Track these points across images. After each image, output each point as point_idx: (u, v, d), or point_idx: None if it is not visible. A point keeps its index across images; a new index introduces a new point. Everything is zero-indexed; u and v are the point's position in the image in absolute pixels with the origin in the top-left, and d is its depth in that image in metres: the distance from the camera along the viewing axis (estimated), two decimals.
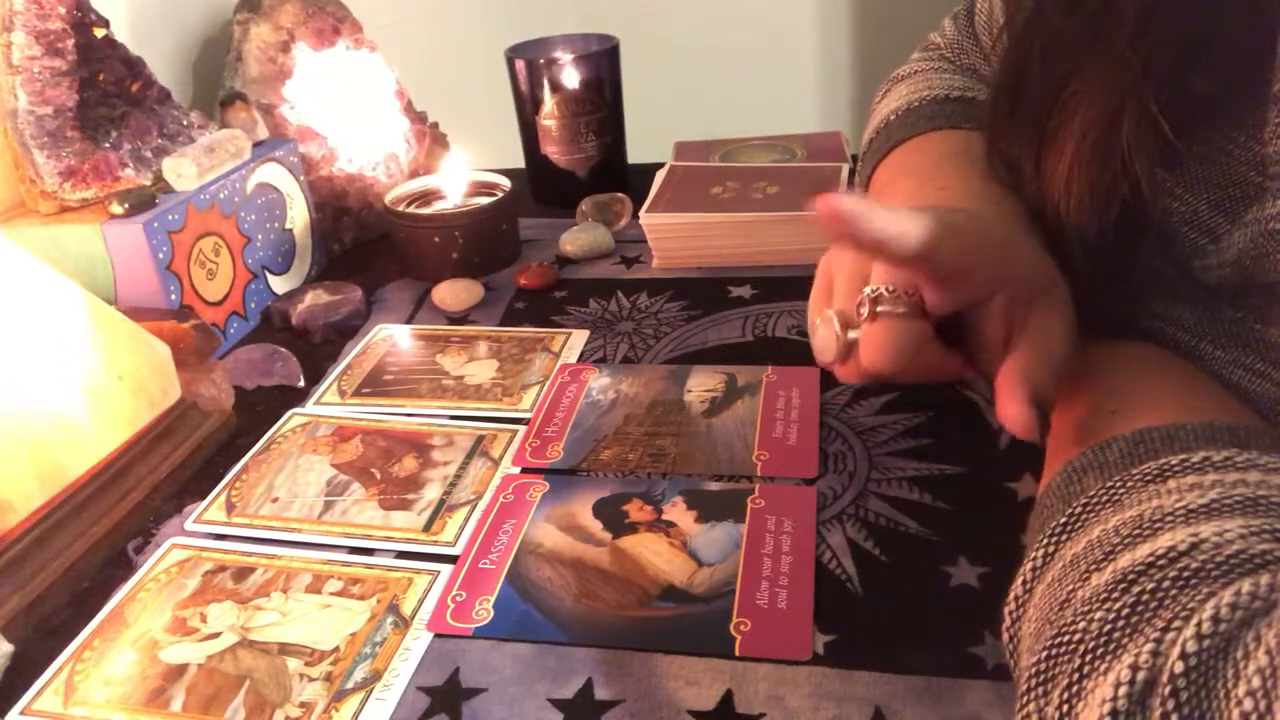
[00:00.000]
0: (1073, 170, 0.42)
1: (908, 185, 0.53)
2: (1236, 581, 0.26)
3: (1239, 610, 0.25)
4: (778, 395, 0.56)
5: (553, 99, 0.83)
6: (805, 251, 0.72)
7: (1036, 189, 0.45)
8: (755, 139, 0.89)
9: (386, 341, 0.67)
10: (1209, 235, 0.42)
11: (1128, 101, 0.40)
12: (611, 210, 0.81)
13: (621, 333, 0.66)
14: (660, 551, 0.45)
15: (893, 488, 0.48)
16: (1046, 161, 0.44)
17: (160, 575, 0.47)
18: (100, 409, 0.51)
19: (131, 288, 0.63)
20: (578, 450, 0.53)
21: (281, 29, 0.80)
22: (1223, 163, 0.41)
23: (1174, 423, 0.35)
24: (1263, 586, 0.25)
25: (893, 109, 0.60)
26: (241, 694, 0.40)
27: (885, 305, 0.37)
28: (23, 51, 0.62)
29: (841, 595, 0.42)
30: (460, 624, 0.42)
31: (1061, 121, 0.43)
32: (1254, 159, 0.40)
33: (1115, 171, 0.41)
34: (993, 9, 0.59)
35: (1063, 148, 0.43)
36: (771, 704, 0.37)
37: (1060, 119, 0.43)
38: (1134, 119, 0.40)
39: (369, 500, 0.51)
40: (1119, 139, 0.40)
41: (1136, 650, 0.26)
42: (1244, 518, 0.29)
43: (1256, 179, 0.40)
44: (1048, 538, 0.33)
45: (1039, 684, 0.29)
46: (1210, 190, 0.42)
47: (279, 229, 0.75)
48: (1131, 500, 0.32)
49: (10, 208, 0.66)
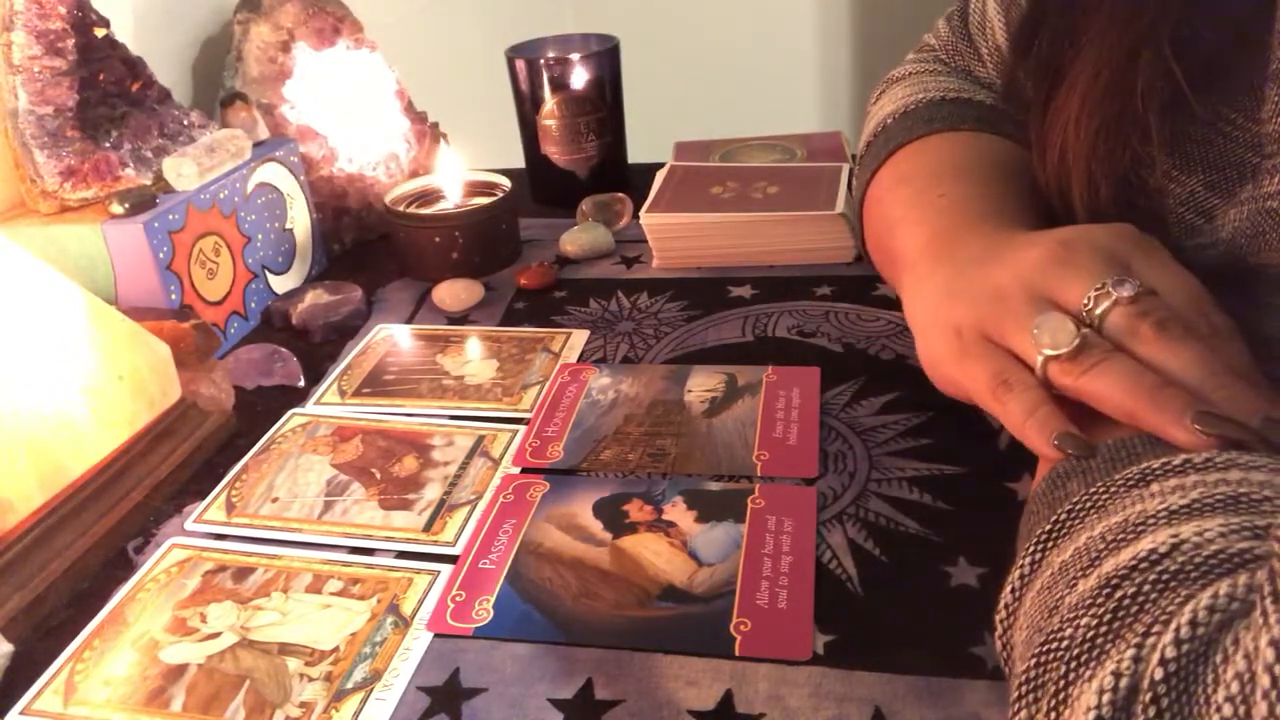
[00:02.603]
0: (1082, 108, 0.42)
1: (906, 192, 0.53)
2: (1215, 583, 0.26)
3: (1217, 613, 0.25)
4: (778, 395, 0.56)
5: (553, 99, 0.83)
6: (805, 252, 0.72)
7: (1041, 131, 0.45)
8: (755, 139, 0.89)
9: (386, 341, 0.67)
10: (1204, 215, 0.42)
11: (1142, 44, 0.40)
12: (611, 210, 0.81)
13: (621, 333, 0.66)
14: (660, 551, 0.45)
15: (893, 488, 0.48)
16: (1057, 99, 0.44)
17: (160, 575, 0.47)
18: (100, 409, 0.51)
19: (132, 287, 0.63)
20: (578, 450, 0.53)
21: (281, 29, 0.80)
22: (1219, 144, 0.41)
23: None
24: (1240, 587, 0.25)
25: (889, 112, 0.60)
26: (241, 694, 0.40)
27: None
28: (23, 51, 0.62)
29: (841, 595, 0.42)
30: (460, 624, 0.42)
31: (1074, 60, 0.43)
32: (1251, 139, 0.40)
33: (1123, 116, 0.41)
34: (985, 10, 0.59)
35: (1074, 86, 0.42)
36: (771, 704, 0.37)
37: (1073, 58, 0.43)
38: (1149, 63, 0.40)
39: (369, 500, 0.51)
40: (1133, 79, 0.40)
41: (1119, 656, 0.26)
42: (1224, 515, 0.29)
43: (1253, 160, 0.40)
44: (1034, 545, 0.33)
45: (1030, 691, 0.29)
46: (1206, 171, 0.42)
47: (279, 229, 0.75)
48: (1115, 505, 0.32)
49: (10, 208, 0.66)
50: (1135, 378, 0.36)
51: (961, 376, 0.42)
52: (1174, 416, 0.34)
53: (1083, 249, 0.39)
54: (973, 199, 0.49)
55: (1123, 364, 0.36)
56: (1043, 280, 0.40)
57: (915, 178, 0.53)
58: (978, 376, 0.41)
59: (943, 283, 0.44)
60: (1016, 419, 0.39)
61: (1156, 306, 0.37)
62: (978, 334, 0.41)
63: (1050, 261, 0.40)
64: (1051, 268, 0.40)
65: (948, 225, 0.48)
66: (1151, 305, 0.37)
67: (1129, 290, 0.37)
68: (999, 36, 0.58)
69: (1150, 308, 0.37)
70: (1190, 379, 0.35)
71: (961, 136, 0.55)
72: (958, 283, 0.43)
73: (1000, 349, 0.41)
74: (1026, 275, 0.40)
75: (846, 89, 1.75)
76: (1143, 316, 0.37)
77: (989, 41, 0.59)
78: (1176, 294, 0.38)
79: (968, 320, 0.42)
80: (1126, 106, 0.41)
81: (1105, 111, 0.41)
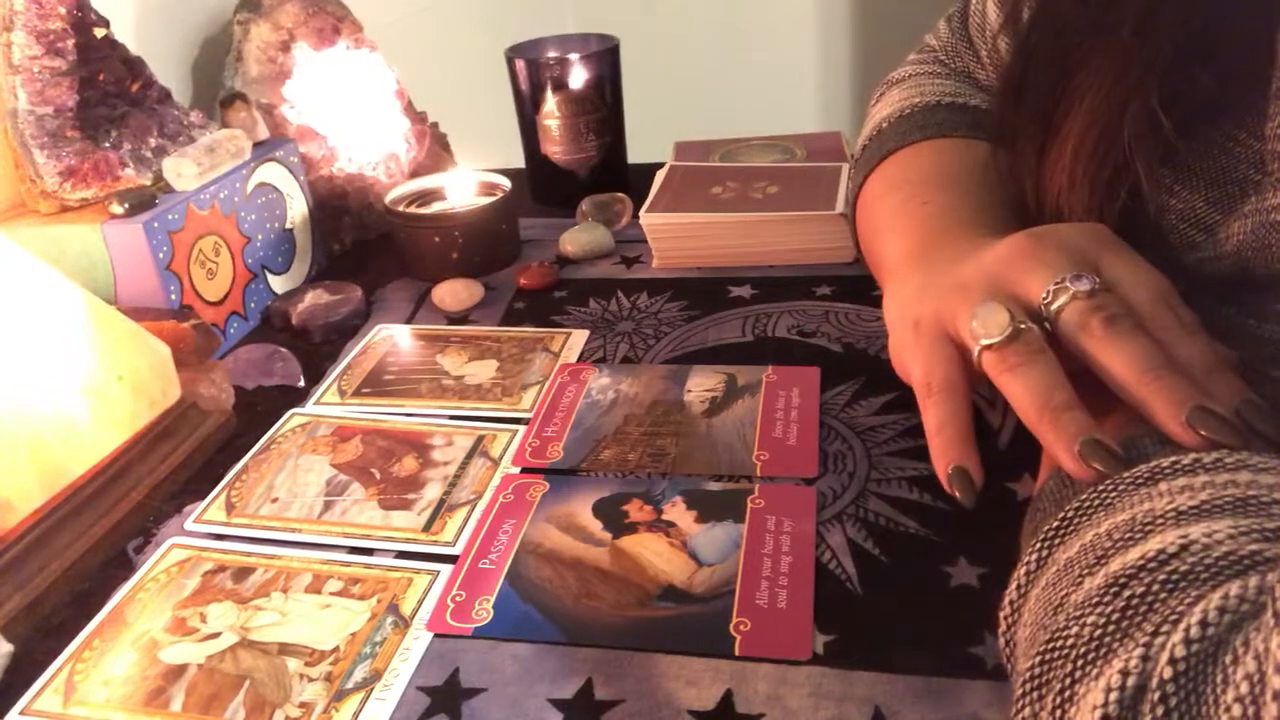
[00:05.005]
0: (1075, 161, 0.42)
1: (894, 200, 0.53)
2: (1225, 584, 0.26)
3: (1227, 614, 0.25)
4: (778, 395, 0.56)
5: (553, 99, 0.83)
6: (805, 251, 0.72)
7: (1037, 180, 0.45)
8: (755, 139, 0.89)
9: (386, 341, 0.67)
10: (1204, 230, 0.42)
11: (1131, 96, 0.40)
12: (611, 210, 0.81)
13: (621, 333, 0.66)
14: (660, 551, 0.45)
15: (893, 488, 0.48)
16: (1050, 152, 0.44)
17: (160, 575, 0.47)
18: (100, 409, 0.51)
19: (131, 288, 0.63)
20: (578, 450, 0.53)
21: (281, 29, 0.80)
22: (1222, 160, 0.41)
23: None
24: (1250, 589, 0.25)
25: (885, 115, 0.60)
26: (241, 694, 0.40)
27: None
28: (23, 51, 0.62)
29: (841, 595, 0.42)
30: (460, 624, 0.42)
31: (1066, 112, 0.43)
32: (1254, 156, 0.40)
33: (1117, 165, 0.41)
34: (985, 12, 0.59)
35: (1066, 138, 0.43)
36: (771, 704, 0.37)
37: (1065, 109, 0.43)
38: (1136, 115, 0.40)
39: (369, 500, 0.51)
40: (1122, 134, 0.40)
41: (1127, 655, 0.26)
42: (1233, 518, 0.29)
43: (1255, 176, 0.40)
44: (1041, 542, 0.33)
45: (1034, 689, 0.29)
46: (1208, 187, 0.42)
47: (279, 229, 0.75)
48: (1123, 503, 0.32)
49: (10, 208, 0.66)
50: (1046, 391, 0.36)
51: (901, 368, 0.43)
52: (1067, 442, 0.35)
53: (1049, 245, 0.40)
54: (959, 208, 0.49)
55: (1040, 373, 0.36)
56: (1007, 273, 0.40)
57: (903, 185, 0.54)
58: (912, 372, 0.42)
59: (918, 282, 0.45)
60: (928, 427, 0.40)
61: (1110, 303, 0.37)
62: (935, 326, 0.42)
63: (1016, 255, 0.40)
64: (1016, 261, 0.40)
65: (930, 232, 0.48)
66: (1105, 301, 0.37)
67: (1087, 285, 0.37)
68: (999, 39, 0.58)
69: (1104, 303, 0.37)
70: (1127, 375, 0.35)
71: (952, 144, 0.55)
72: (929, 280, 0.44)
73: (950, 345, 0.41)
74: (991, 268, 0.40)
75: (846, 89, 1.75)
76: (1095, 312, 0.37)
77: (988, 44, 0.59)
78: (1141, 289, 0.38)
79: (927, 312, 0.42)
80: (1121, 157, 0.41)
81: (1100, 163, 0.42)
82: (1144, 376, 0.35)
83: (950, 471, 0.38)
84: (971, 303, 0.39)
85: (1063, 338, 0.38)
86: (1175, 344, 0.36)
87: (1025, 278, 0.39)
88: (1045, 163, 0.44)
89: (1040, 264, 0.39)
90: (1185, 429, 0.33)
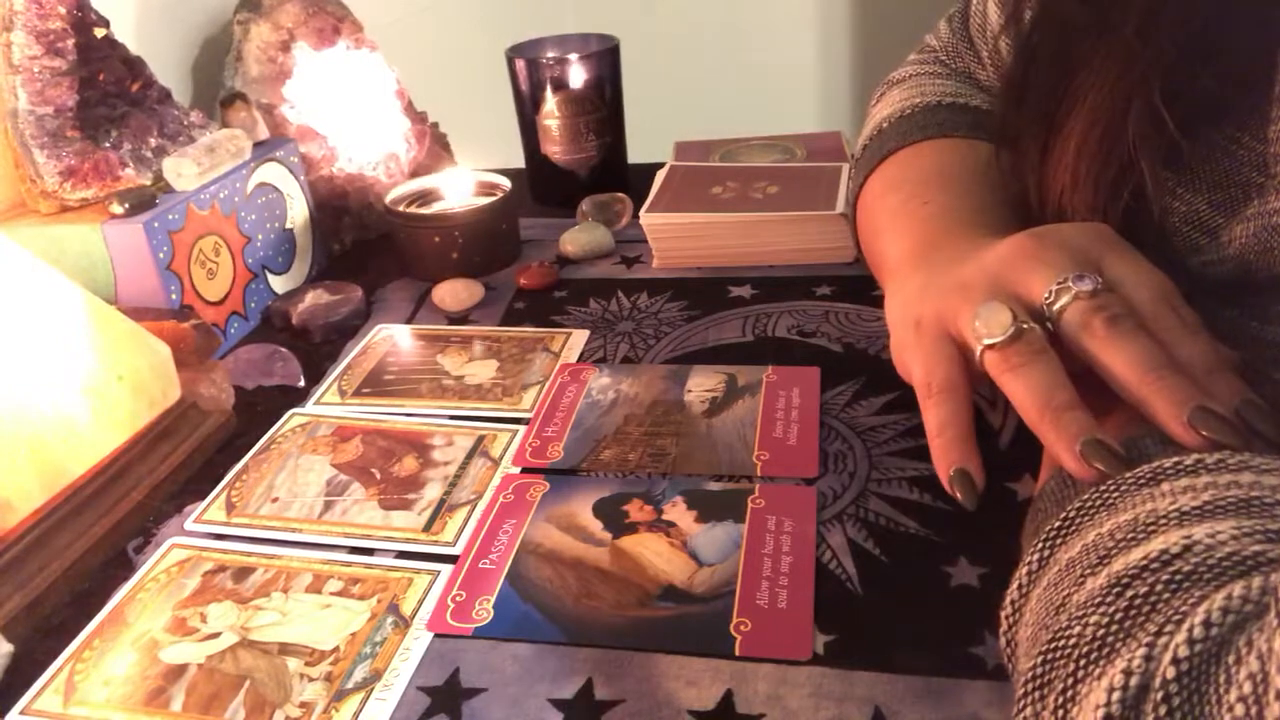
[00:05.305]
0: (1079, 160, 0.42)
1: (894, 200, 0.53)
2: (1229, 584, 0.26)
3: (1230, 614, 0.25)
4: (778, 395, 0.56)
5: (553, 99, 0.83)
6: (805, 251, 0.72)
7: (1040, 179, 0.45)
8: (755, 139, 0.89)
9: (386, 341, 0.67)
10: (1207, 233, 0.42)
11: (1135, 95, 0.40)
12: (612, 210, 0.81)
13: (621, 333, 0.65)
14: (660, 551, 0.45)
15: (893, 488, 0.48)
16: (1054, 150, 0.44)
17: (160, 575, 0.47)
18: (100, 409, 0.51)
19: (131, 288, 0.63)
20: (578, 450, 0.53)
21: (281, 29, 0.80)
22: (1225, 163, 0.41)
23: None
24: (1254, 589, 0.25)
25: (885, 115, 0.60)
26: (241, 694, 0.40)
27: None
28: (23, 51, 0.62)
29: (841, 595, 0.42)
30: (460, 624, 0.42)
31: (1069, 110, 0.43)
32: (1257, 159, 0.40)
33: (1121, 164, 0.41)
34: (986, 12, 0.59)
35: (1069, 136, 0.43)
36: (771, 704, 0.37)
37: (1068, 108, 0.43)
38: (1140, 113, 0.40)
39: (369, 500, 0.51)
40: (1125, 132, 0.40)
41: (1130, 655, 0.26)
42: (1236, 519, 0.29)
43: (1258, 179, 0.40)
44: (1043, 542, 0.33)
45: (1035, 688, 0.29)
46: (1211, 190, 0.42)
47: (279, 229, 0.75)
48: (1125, 504, 0.32)
49: (10, 208, 0.66)
50: (1048, 391, 0.36)
51: (902, 368, 0.43)
52: (1069, 442, 0.35)
53: (1052, 244, 0.40)
54: (959, 208, 0.49)
55: (1042, 372, 0.36)
56: (1009, 273, 0.40)
57: (903, 185, 0.54)
58: (913, 372, 0.42)
59: (919, 282, 0.45)
60: (929, 428, 0.40)
61: (1112, 303, 0.37)
62: (936, 326, 0.42)
63: (1018, 255, 0.40)
64: (1019, 261, 0.40)
65: (931, 232, 0.48)
66: (1108, 301, 0.37)
67: (1089, 285, 0.37)
68: (999, 40, 0.58)
69: (1106, 303, 0.37)
70: (1129, 375, 0.35)
71: (953, 144, 0.55)
72: (931, 280, 0.44)
73: (951, 345, 0.41)
74: (993, 268, 0.40)
75: (846, 89, 1.75)
76: (1097, 311, 0.37)
77: (989, 44, 0.59)
78: (1144, 289, 0.38)
79: (929, 312, 0.42)
80: (1125, 157, 0.41)
81: (1104, 162, 0.42)
82: (1145, 376, 0.35)
83: (952, 473, 0.38)
84: (973, 302, 0.39)
85: (1064, 338, 0.38)
86: (1177, 344, 0.36)
87: (1027, 277, 0.39)
88: (1048, 161, 0.44)
89: (1042, 264, 0.39)
90: (1186, 429, 0.33)
